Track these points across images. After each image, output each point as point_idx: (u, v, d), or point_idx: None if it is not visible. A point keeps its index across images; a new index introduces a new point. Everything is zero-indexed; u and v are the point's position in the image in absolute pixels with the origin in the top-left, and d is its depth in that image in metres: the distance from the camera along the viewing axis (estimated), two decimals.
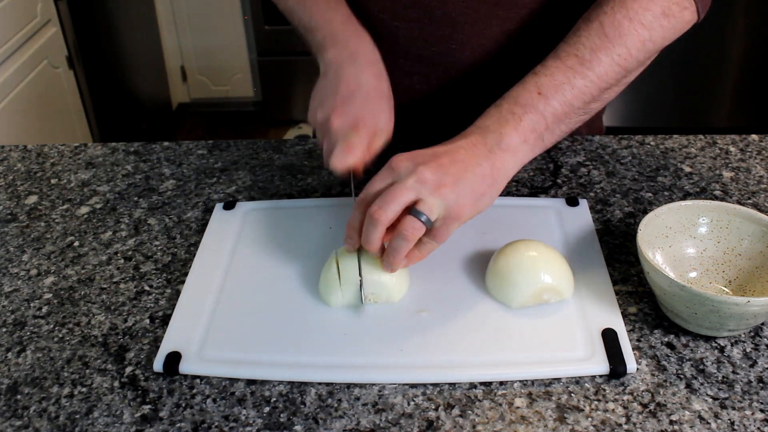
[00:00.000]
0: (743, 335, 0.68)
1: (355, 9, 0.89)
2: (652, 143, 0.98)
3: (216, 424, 0.62)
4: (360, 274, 0.70)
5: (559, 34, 0.79)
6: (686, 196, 0.88)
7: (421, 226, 0.66)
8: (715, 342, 0.68)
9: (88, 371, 0.67)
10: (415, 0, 0.87)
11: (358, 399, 0.63)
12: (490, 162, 0.69)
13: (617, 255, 0.78)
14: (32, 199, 0.93)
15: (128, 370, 0.67)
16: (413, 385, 0.64)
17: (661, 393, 0.63)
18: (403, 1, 0.87)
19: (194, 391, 0.65)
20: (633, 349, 0.67)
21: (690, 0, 0.76)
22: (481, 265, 0.75)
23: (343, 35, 0.81)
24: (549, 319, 0.69)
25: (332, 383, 0.65)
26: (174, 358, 0.66)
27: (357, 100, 0.75)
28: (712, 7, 0.83)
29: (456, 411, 0.62)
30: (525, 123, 0.70)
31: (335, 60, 0.78)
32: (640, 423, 0.60)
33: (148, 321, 0.73)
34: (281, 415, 0.62)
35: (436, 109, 0.98)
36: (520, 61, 0.92)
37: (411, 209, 0.66)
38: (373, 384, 0.65)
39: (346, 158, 0.72)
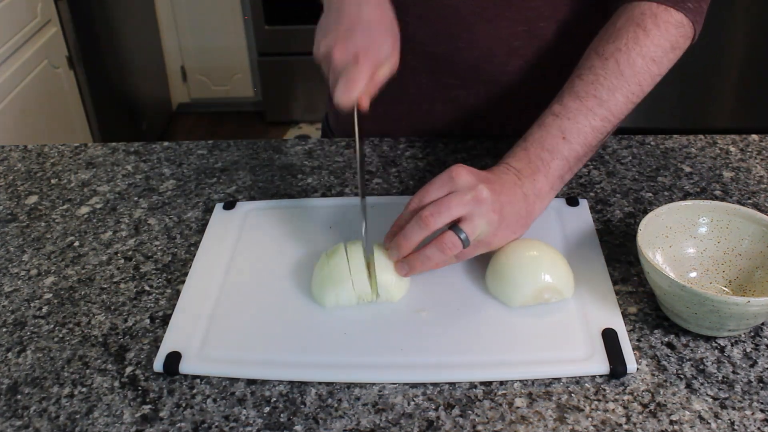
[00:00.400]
0: (743, 335, 0.68)
1: None
2: (652, 143, 0.98)
3: (216, 424, 0.62)
4: (370, 271, 0.71)
5: (564, 40, 0.80)
6: (686, 196, 0.88)
7: (460, 244, 0.69)
8: (715, 342, 0.68)
9: (88, 371, 0.67)
10: None
11: (358, 399, 0.63)
12: (526, 204, 0.72)
13: (617, 255, 0.78)
14: (32, 199, 0.93)
15: (128, 370, 0.67)
16: (413, 385, 0.64)
17: (661, 393, 0.63)
18: None
19: (194, 391, 0.65)
20: (633, 349, 0.67)
21: (691, 28, 0.79)
22: (482, 265, 0.75)
23: None
24: (549, 319, 0.69)
25: (332, 383, 0.65)
26: (174, 358, 0.66)
27: (358, 31, 0.74)
28: (712, 7, 0.84)
29: (456, 411, 0.62)
30: (553, 170, 0.73)
31: None
32: (640, 423, 0.60)
33: (148, 321, 0.73)
34: (281, 415, 0.62)
35: (441, 105, 0.98)
36: (525, 64, 0.92)
37: (453, 225, 0.68)
38: (373, 384, 0.65)
39: (349, 93, 0.71)
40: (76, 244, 0.84)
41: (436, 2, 0.87)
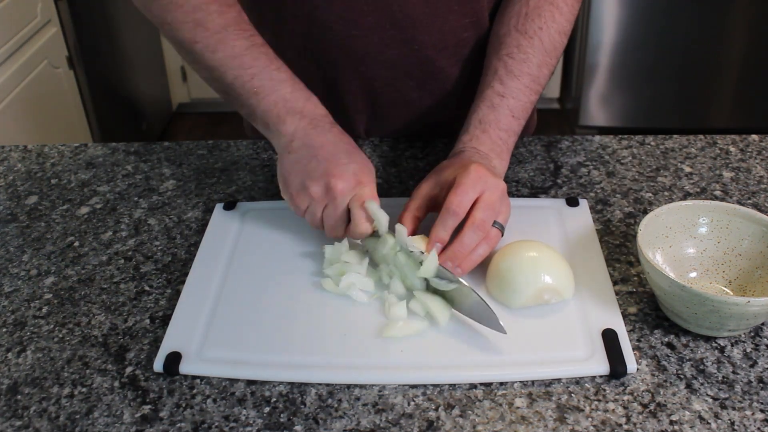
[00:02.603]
0: (743, 335, 0.68)
1: (305, 23, 0.87)
2: (652, 143, 0.98)
3: (216, 424, 0.62)
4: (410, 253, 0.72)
5: (497, 21, 0.87)
6: (686, 196, 0.88)
7: (500, 234, 0.74)
8: (715, 342, 0.68)
9: (88, 371, 0.67)
10: (374, 7, 0.85)
11: (358, 399, 0.63)
12: (501, 183, 0.76)
13: (617, 255, 0.78)
14: (32, 199, 0.93)
15: (128, 370, 0.67)
16: (413, 385, 0.64)
17: (661, 393, 0.63)
18: (361, 9, 0.85)
19: (194, 391, 0.65)
20: (633, 349, 0.67)
21: None
22: (482, 266, 0.75)
23: (296, 101, 0.76)
24: (549, 319, 0.69)
25: (332, 383, 0.65)
26: (174, 358, 0.66)
27: (342, 158, 0.73)
28: (712, 7, 0.86)
29: (456, 411, 0.62)
30: (511, 147, 0.82)
31: (298, 130, 0.75)
32: (640, 423, 0.60)
33: (148, 321, 0.73)
34: (281, 415, 0.62)
35: (401, 107, 0.97)
36: (475, 50, 0.93)
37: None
38: (373, 384, 0.65)
39: (368, 223, 0.73)
40: (76, 244, 0.84)
41: (386, 9, 0.85)
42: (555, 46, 0.84)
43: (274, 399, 0.64)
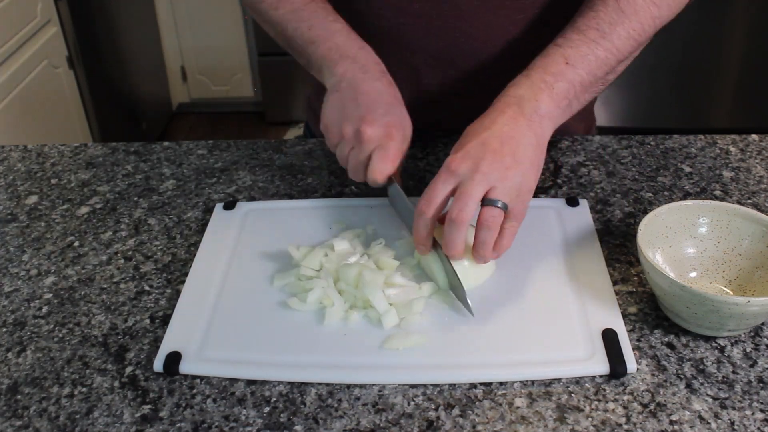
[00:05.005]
0: (743, 335, 0.68)
1: (355, 10, 0.88)
2: (652, 143, 0.98)
3: (216, 424, 0.62)
4: (449, 274, 0.72)
5: (562, 20, 0.81)
6: (686, 196, 0.88)
7: (500, 212, 0.69)
8: (715, 342, 0.68)
9: (88, 371, 0.67)
10: None
11: (358, 399, 0.63)
12: (533, 130, 0.72)
13: (617, 255, 0.78)
14: (32, 199, 0.93)
15: (128, 370, 0.67)
16: (413, 385, 0.64)
17: (661, 393, 0.63)
18: None
19: (194, 391, 0.65)
20: (633, 349, 0.67)
21: None
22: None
23: (350, 48, 0.81)
24: (549, 319, 0.69)
25: (332, 383, 0.65)
26: (174, 358, 0.66)
27: (381, 108, 0.75)
28: (712, 7, 0.86)
29: (456, 411, 0.62)
30: (557, 90, 0.74)
31: (348, 72, 0.78)
32: (640, 423, 0.60)
33: (148, 321, 0.73)
34: (281, 415, 0.62)
35: (444, 101, 0.98)
36: (525, 50, 0.92)
37: (484, 200, 0.69)
38: (373, 384, 0.65)
39: (386, 167, 0.74)
40: (76, 244, 0.84)
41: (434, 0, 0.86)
42: (635, 9, 0.77)
43: (274, 399, 0.64)
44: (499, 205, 0.69)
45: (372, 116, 0.74)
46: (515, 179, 0.69)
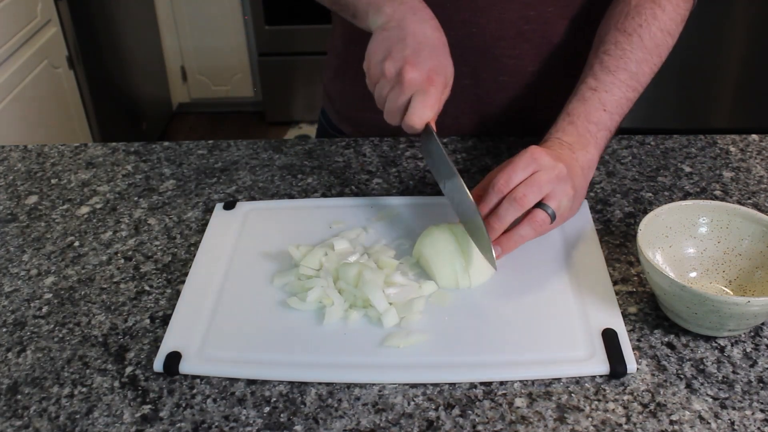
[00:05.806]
0: (743, 335, 0.68)
1: None
2: (652, 143, 0.98)
3: (216, 424, 0.62)
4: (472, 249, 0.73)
5: (569, 20, 0.82)
6: (686, 196, 0.88)
7: (549, 219, 0.72)
8: (715, 342, 0.68)
9: (88, 371, 0.67)
10: None
11: (358, 399, 0.63)
12: (583, 176, 0.77)
13: (617, 255, 0.78)
14: (32, 199, 0.93)
15: (128, 370, 0.67)
16: (413, 385, 0.64)
17: (661, 393, 0.63)
18: None
19: (194, 391, 0.65)
20: (633, 349, 0.67)
21: (693, 0, 0.86)
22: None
23: None
24: (549, 319, 0.69)
25: (332, 383, 0.65)
26: (174, 358, 0.66)
27: (426, 51, 0.75)
28: (712, 7, 0.88)
29: (456, 411, 0.62)
30: (599, 141, 0.79)
31: (396, 14, 0.77)
32: (640, 423, 0.60)
33: (148, 321, 0.73)
34: (281, 415, 0.62)
35: (452, 96, 0.98)
36: (532, 47, 0.93)
37: (539, 203, 0.72)
38: (373, 384, 0.65)
39: (426, 113, 0.73)
40: (76, 244, 0.84)
41: None
42: (657, 44, 0.83)
43: (274, 399, 0.64)
44: (549, 212, 0.72)
45: (416, 59, 0.73)
46: (570, 201, 0.73)
